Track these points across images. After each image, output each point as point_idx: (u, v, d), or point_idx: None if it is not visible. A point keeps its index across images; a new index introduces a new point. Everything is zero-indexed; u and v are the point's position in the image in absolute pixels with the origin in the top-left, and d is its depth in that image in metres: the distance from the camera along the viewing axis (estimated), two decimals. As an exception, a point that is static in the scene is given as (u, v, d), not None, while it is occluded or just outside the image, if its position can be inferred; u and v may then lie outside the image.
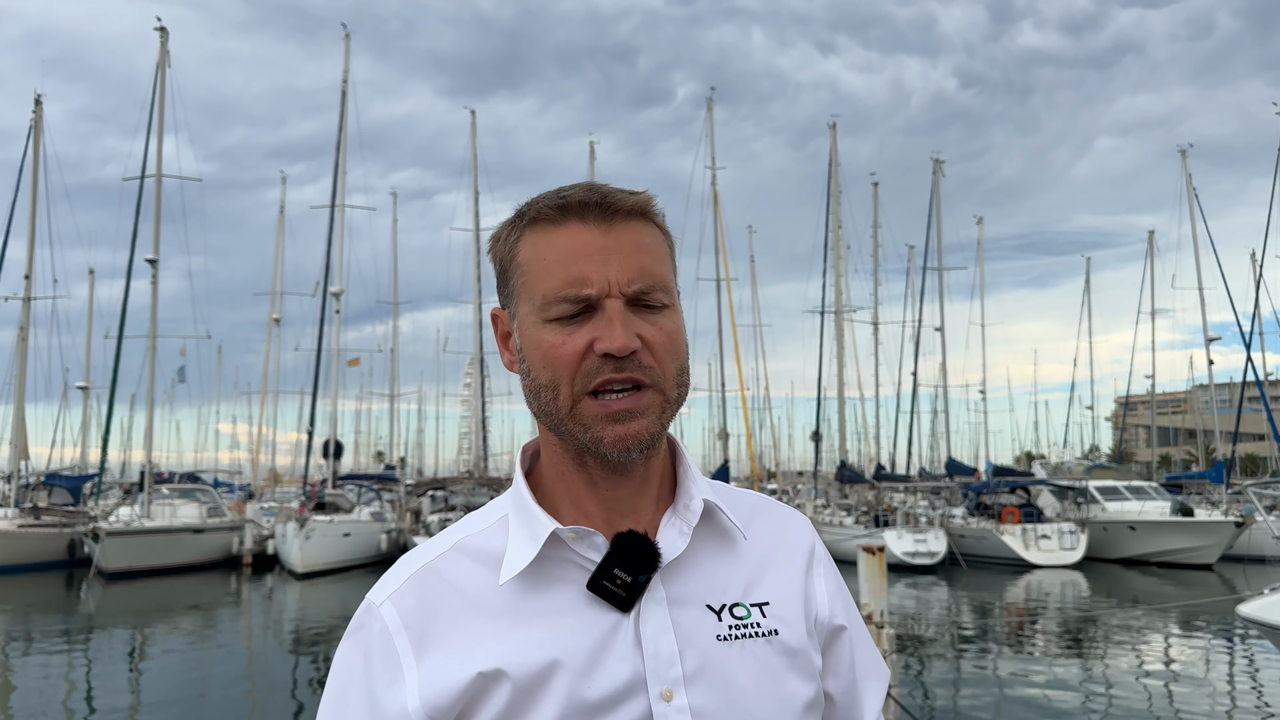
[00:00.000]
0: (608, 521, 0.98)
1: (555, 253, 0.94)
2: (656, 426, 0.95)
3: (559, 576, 0.95)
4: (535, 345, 0.95)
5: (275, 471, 47.52)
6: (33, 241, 30.86)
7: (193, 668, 12.87)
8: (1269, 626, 8.10)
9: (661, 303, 0.96)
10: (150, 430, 29.16)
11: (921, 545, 25.56)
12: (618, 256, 0.93)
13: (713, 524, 1.02)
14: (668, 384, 0.95)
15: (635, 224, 0.96)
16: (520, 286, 0.97)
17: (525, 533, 0.96)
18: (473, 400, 44.55)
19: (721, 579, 1.00)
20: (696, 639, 0.95)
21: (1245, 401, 32.57)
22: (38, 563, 25.62)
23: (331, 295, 31.24)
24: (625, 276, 0.93)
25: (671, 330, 0.96)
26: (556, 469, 1.00)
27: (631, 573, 0.93)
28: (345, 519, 26.54)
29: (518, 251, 0.97)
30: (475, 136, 40.00)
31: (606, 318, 0.92)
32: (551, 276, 0.93)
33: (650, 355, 0.94)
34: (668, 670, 0.92)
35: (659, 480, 1.02)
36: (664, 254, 0.99)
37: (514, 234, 0.98)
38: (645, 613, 0.94)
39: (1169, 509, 27.07)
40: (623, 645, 0.92)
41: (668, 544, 0.97)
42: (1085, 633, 14.57)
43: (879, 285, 43.59)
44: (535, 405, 0.97)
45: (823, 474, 38.94)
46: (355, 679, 0.95)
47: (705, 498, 1.01)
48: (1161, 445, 65.75)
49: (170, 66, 29.47)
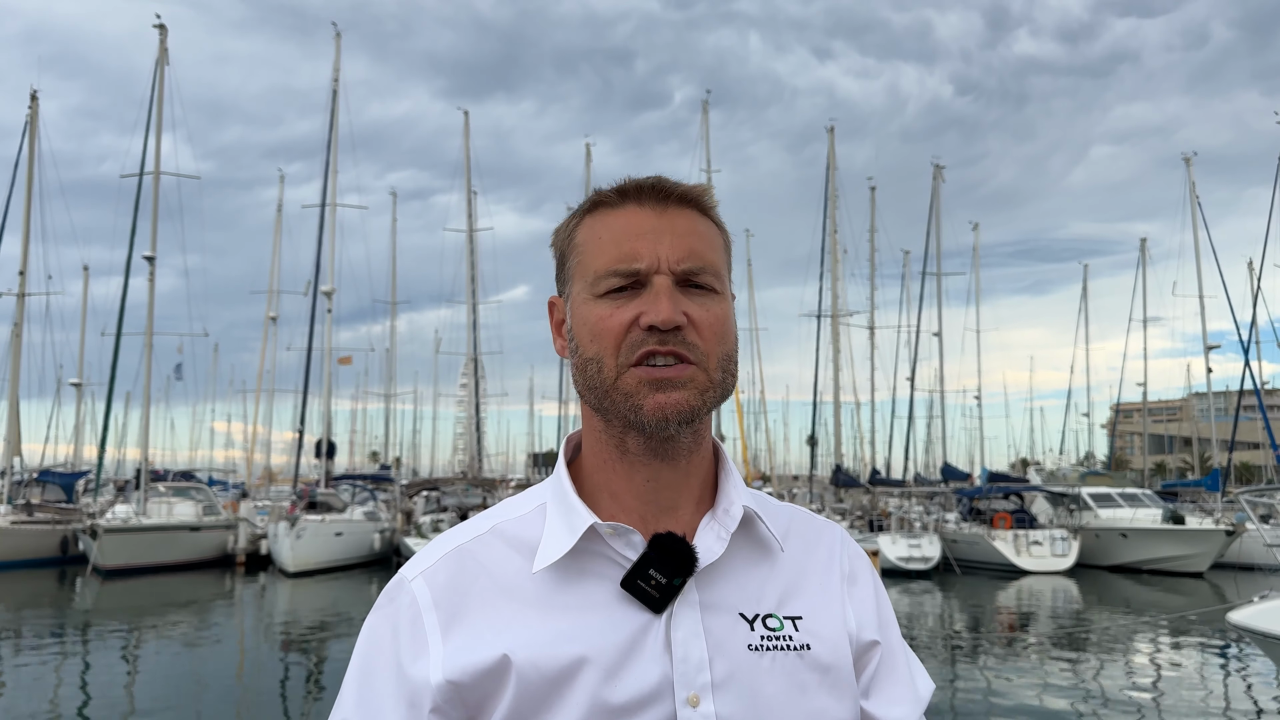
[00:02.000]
0: (645, 518, 0.98)
1: (610, 232, 0.97)
2: (697, 401, 0.94)
3: (593, 571, 0.95)
4: (584, 321, 0.96)
5: (270, 470, 47.41)
6: (27, 237, 30.87)
7: (184, 665, 12.86)
8: (1259, 634, 8.11)
9: (711, 286, 0.97)
10: (146, 428, 29.18)
11: (916, 550, 25.58)
12: (670, 236, 0.95)
13: (751, 532, 1.01)
14: (711, 364, 0.95)
15: (690, 211, 0.99)
16: (575, 267, 0.99)
17: (563, 523, 0.96)
18: (468, 401, 44.56)
19: (756, 588, 0.99)
20: (727, 646, 0.94)
21: (1241, 410, 32.66)
22: (30, 559, 25.57)
23: (323, 294, 31.23)
24: (676, 255, 0.95)
25: (720, 314, 0.97)
26: (599, 457, 1.00)
27: (667, 575, 0.92)
28: (337, 518, 26.47)
29: (575, 235, 1.00)
30: (469, 138, 40.05)
31: (654, 292, 0.93)
32: (604, 254, 0.96)
33: (696, 334, 0.94)
34: (696, 676, 0.91)
35: (700, 481, 1.02)
36: (718, 243, 1.01)
37: (574, 222, 1.01)
38: (677, 616, 0.93)
39: (1161, 516, 27.13)
40: (653, 647, 0.92)
41: (705, 548, 0.96)
42: (1077, 640, 14.60)
43: (875, 290, 43.66)
44: (581, 381, 0.97)
45: (818, 478, 38.94)
46: (383, 649, 0.95)
47: (745, 504, 1.00)
48: (1157, 453, 65.90)
49: (169, 64, 29.49)
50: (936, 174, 42.17)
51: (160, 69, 29.30)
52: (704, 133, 38.90)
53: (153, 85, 29.14)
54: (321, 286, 31.19)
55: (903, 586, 22.58)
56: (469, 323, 40.07)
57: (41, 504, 29.03)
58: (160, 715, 9.84)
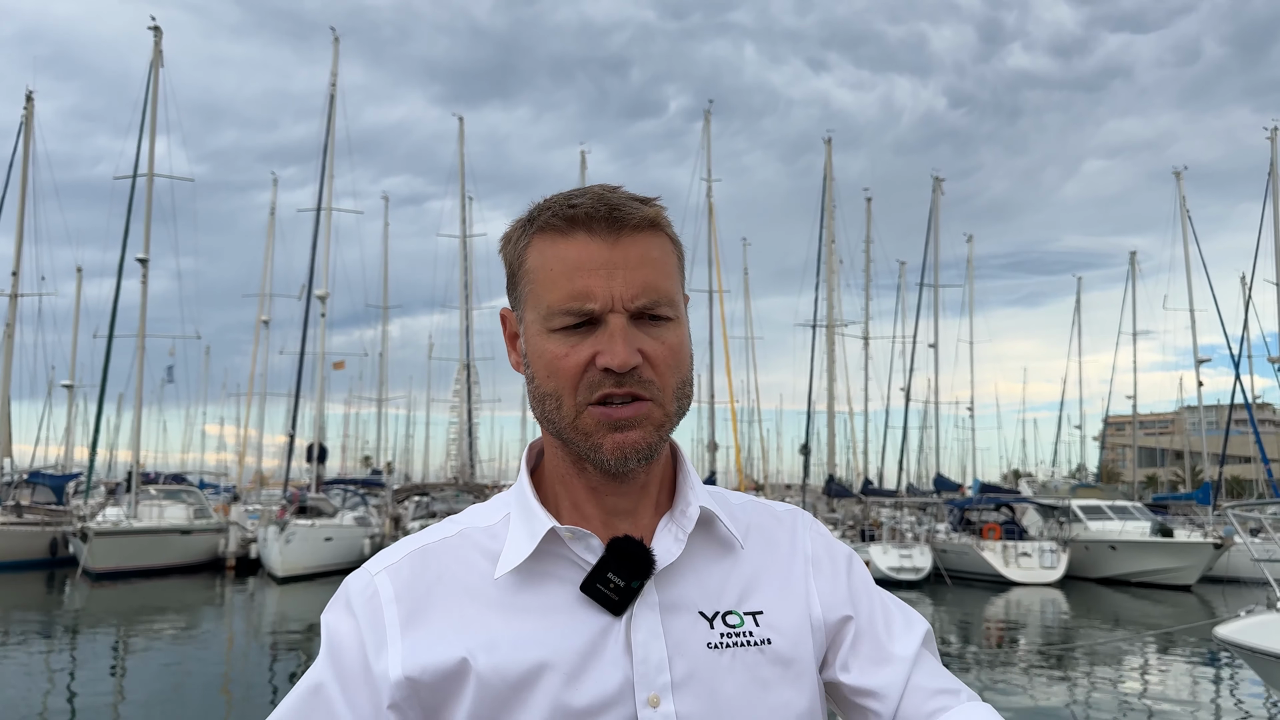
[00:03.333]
0: (605, 523, 0.99)
1: (561, 264, 0.94)
2: (655, 438, 0.96)
3: (554, 574, 0.96)
4: (539, 354, 0.96)
5: (261, 474, 47.30)
6: (20, 238, 30.81)
7: (172, 670, 12.81)
8: (1245, 649, 8.13)
9: (666, 316, 0.96)
10: (138, 430, 29.07)
11: (907, 561, 25.60)
12: (623, 271, 0.93)
13: (710, 531, 1.02)
14: (667, 398, 0.96)
15: (643, 236, 0.96)
16: (527, 294, 0.98)
17: (524, 528, 0.97)
18: (460, 407, 44.52)
19: (716, 586, 1.00)
20: (687, 646, 0.95)
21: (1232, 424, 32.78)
22: (19, 561, 25.45)
23: (316, 298, 31.19)
24: (630, 292, 0.93)
25: (674, 344, 0.97)
26: (558, 471, 1.02)
27: (625, 578, 0.94)
28: (327, 523, 26.34)
29: (526, 258, 0.98)
30: (463, 144, 40.05)
31: (609, 333, 0.93)
32: (556, 288, 0.94)
33: (651, 370, 0.94)
34: (656, 676, 0.92)
35: (659, 486, 1.03)
36: (671, 267, 0.99)
37: (523, 239, 0.99)
38: (637, 618, 0.94)
39: (1150, 529, 27.18)
40: (613, 650, 0.93)
41: (663, 550, 0.98)
42: (1066, 653, 14.62)
43: (870, 300, 43.72)
44: (539, 411, 0.98)
45: (811, 487, 38.92)
46: (345, 641, 0.95)
47: (703, 505, 1.01)
48: (1148, 466, 66.03)
49: (163, 66, 29.48)
50: (936, 186, 42.30)
51: (155, 71, 29.30)
52: (705, 142, 38.95)
53: (147, 87, 29.16)
54: (315, 290, 31.16)
55: (893, 597, 22.55)
56: (462, 328, 40.03)
57: (31, 505, 28.91)
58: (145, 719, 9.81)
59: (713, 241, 38.16)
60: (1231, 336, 33.11)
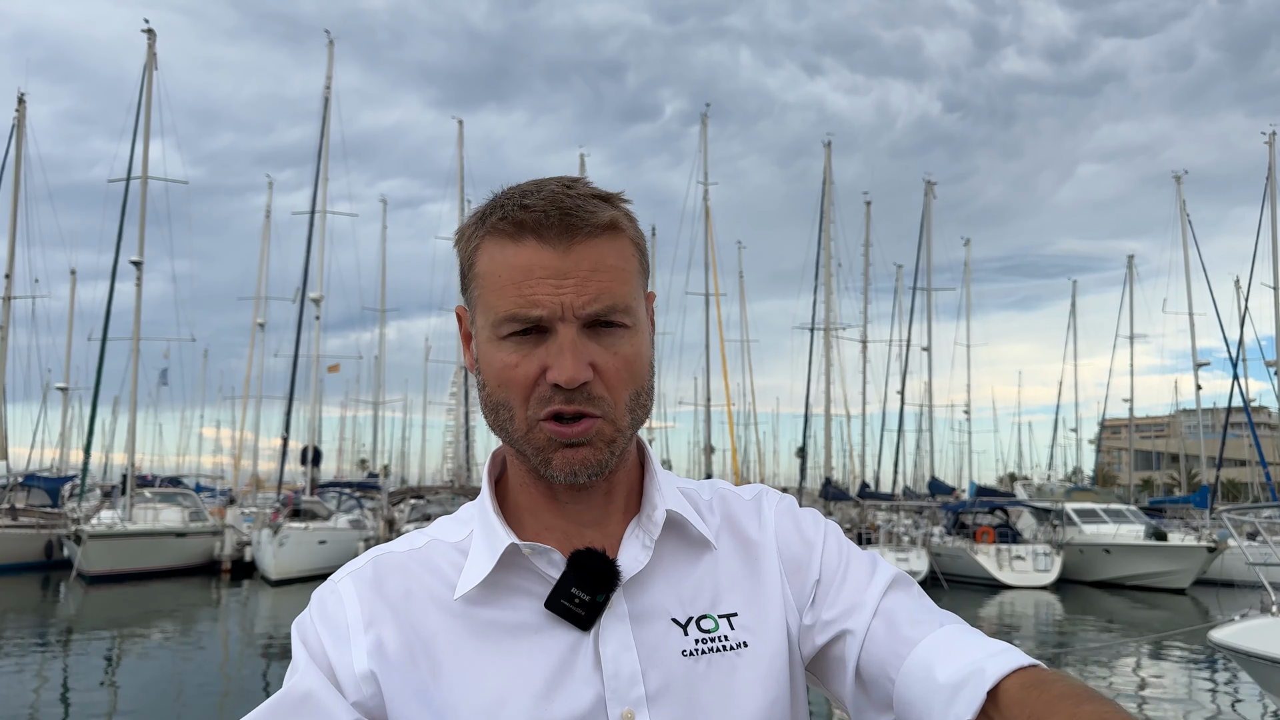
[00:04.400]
0: (568, 534, 0.96)
1: (510, 271, 0.90)
2: (605, 454, 0.91)
3: (520, 588, 0.93)
4: (489, 362, 0.92)
5: (257, 477, 47.21)
6: (13, 240, 30.83)
7: (167, 673, 12.78)
8: (1240, 653, 8.14)
9: (621, 323, 0.91)
10: (133, 433, 29.03)
11: (904, 564, 25.59)
12: (575, 279, 0.88)
13: (680, 533, 0.99)
14: (619, 413, 0.91)
15: (599, 242, 0.90)
16: (478, 298, 0.94)
17: (485, 545, 0.94)
18: (457, 410, 44.47)
19: (690, 590, 0.96)
20: (660, 655, 0.91)
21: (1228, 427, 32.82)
22: (14, 564, 25.41)
23: (311, 301, 31.15)
24: (581, 300, 0.88)
25: (629, 355, 0.92)
26: (519, 478, 0.99)
27: (589, 592, 0.90)
28: (321, 526, 26.28)
29: (476, 260, 0.94)
30: (462, 146, 40.11)
31: (558, 345, 0.88)
32: (504, 295, 0.90)
33: (602, 384, 0.90)
34: (629, 691, 0.89)
35: (625, 492, 0.99)
36: (629, 271, 0.93)
37: (475, 238, 0.94)
38: (605, 631, 0.91)
39: (1144, 533, 27.22)
40: (583, 667, 0.90)
41: (629, 558, 0.94)
42: (1060, 657, 14.63)
43: (868, 304, 43.78)
44: (491, 419, 0.95)
45: (807, 490, 38.96)
46: (309, 642, 0.92)
47: (670, 507, 0.97)
48: (1144, 469, 66.12)
49: (157, 69, 29.46)
50: (928, 190, 42.42)
51: (149, 73, 29.27)
52: (702, 145, 39.03)
53: (141, 90, 29.12)
54: (310, 293, 31.14)
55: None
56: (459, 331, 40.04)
57: (26, 508, 28.84)
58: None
59: (709, 245, 38.21)
60: (1229, 340, 33.19)
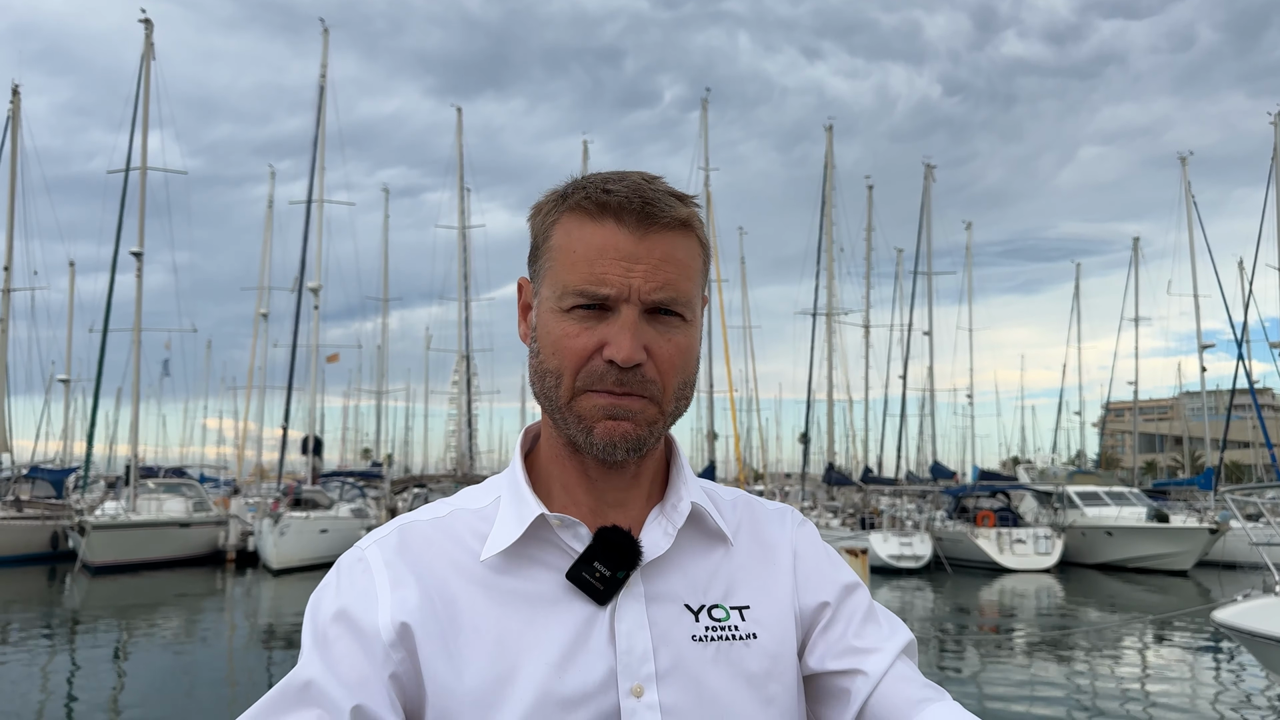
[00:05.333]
0: (595, 511, 0.99)
1: (585, 247, 0.93)
2: (646, 433, 0.95)
3: (541, 560, 0.96)
4: (548, 331, 0.95)
5: (261, 467, 47.30)
6: (12, 232, 30.84)
7: (172, 662, 12.83)
8: (1244, 633, 8.14)
9: (681, 314, 0.95)
10: (135, 424, 29.03)
11: (907, 549, 25.64)
12: (646, 265, 0.93)
13: (700, 526, 1.03)
14: (666, 399, 0.96)
15: (672, 235, 0.95)
16: (547, 269, 0.97)
17: (513, 513, 0.97)
18: (459, 398, 44.51)
19: (704, 580, 1.00)
20: (671, 637, 0.95)
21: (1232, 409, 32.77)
22: (20, 555, 25.49)
23: (309, 290, 31.12)
24: (648, 286, 0.93)
25: (683, 345, 0.96)
26: (552, 451, 1.01)
27: (611, 568, 0.93)
28: (323, 515, 26.35)
29: (552, 234, 0.97)
30: (461, 134, 40.02)
31: (620, 324, 0.92)
32: (576, 270, 0.93)
33: (655, 369, 0.94)
34: (640, 667, 0.92)
35: (651, 478, 1.03)
36: (695, 269, 0.97)
37: (553, 214, 0.97)
38: (621, 608, 0.94)
39: (1145, 515, 27.26)
40: (597, 640, 0.93)
41: (651, 543, 0.98)
42: (1063, 638, 14.65)
43: (870, 288, 43.69)
44: (538, 386, 0.98)
45: (810, 476, 38.98)
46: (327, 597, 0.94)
47: (694, 500, 1.01)
48: (1148, 452, 66.13)
49: (155, 59, 29.26)
50: (927, 173, 42.30)
51: (146, 64, 29.14)
52: (703, 130, 38.83)
53: (138, 80, 28.99)
54: (308, 283, 31.08)
55: (894, 584, 22.64)
56: (460, 320, 40.06)
57: (31, 500, 28.93)
58: (144, 712, 9.81)
59: (711, 231, 38.01)
60: (1234, 322, 33.10)
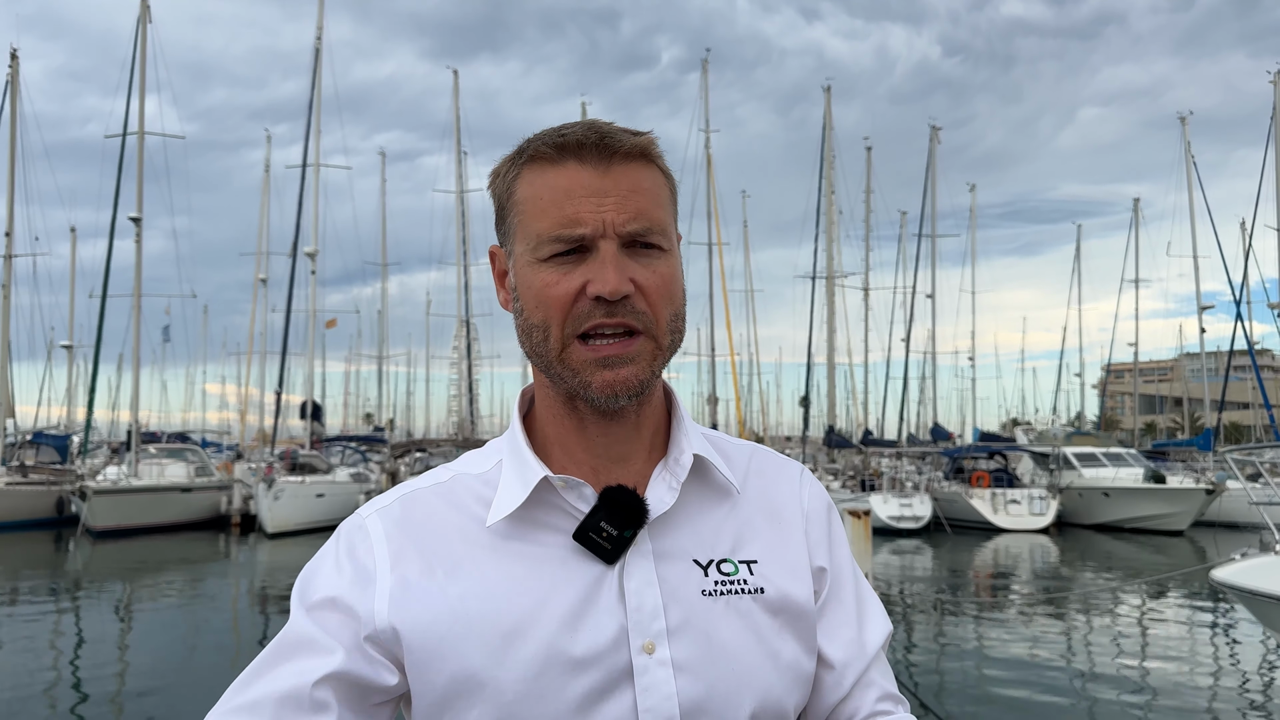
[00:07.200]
0: (597, 470, 0.98)
1: (551, 192, 0.92)
2: (646, 373, 0.94)
3: (547, 522, 0.95)
4: (528, 285, 0.94)
5: (264, 432, 47.43)
6: (12, 198, 30.62)
7: (175, 622, 12.96)
8: (1243, 591, 8.19)
9: (659, 245, 0.94)
10: (136, 389, 29.08)
11: (907, 510, 25.84)
12: (614, 198, 0.91)
13: (705, 478, 1.01)
14: (660, 330, 0.94)
15: (635, 165, 0.94)
16: (516, 225, 0.96)
17: (516, 476, 0.96)
18: (460, 363, 44.53)
19: (711, 534, 0.99)
20: (681, 593, 0.94)
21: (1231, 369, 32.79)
22: (26, 520, 25.65)
23: (305, 255, 30.95)
24: (621, 217, 0.91)
25: (667, 275, 0.94)
26: (550, 410, 1.00)
27: (618, 527, 0.93)
28: (320, 480, 26.46)
29: (515, 189, 0.96)
30: (458, 97, 39.63)
31: (600, 260, 0.90)
32: (546, 216, 0.92)
33: (644, 300, 0.92)
34: (651, 623, 0.92)
35: (652, 430, 1.01)
36: (664, 197, 0.96)
37: (512, 171, 0.97)
38: (630, 566, 0.93)
39: (1142, 476, 27.41)
40: (607, 598, 0.92)
41: (656, 499, 0.97)
42: (1060, 598, 14.76)
43: (870, 251, 43.51)
44: (527, 345, 0.96)
45: (811, 439, 39.07)
46: (326, 568, 0.95)
47: (696, 451, 1.00)
48: (1148, 413, 66.24)
49: (151, 22, 29.00)
50: (933, 135, 41.94)
51: (142, 27, 28.85)
52: (703, 92, 38.39)
53: (135, 44, 28.73)
54: (304, 248, 30.94)
55: (893, 545, 22.80)
56: (460, 284, 39.94)
57: (36, 465, 29.07)
58: (148, 673, 9.92)
59: (711, 194, 37.79)
60: (1234, 283, 32.99)
